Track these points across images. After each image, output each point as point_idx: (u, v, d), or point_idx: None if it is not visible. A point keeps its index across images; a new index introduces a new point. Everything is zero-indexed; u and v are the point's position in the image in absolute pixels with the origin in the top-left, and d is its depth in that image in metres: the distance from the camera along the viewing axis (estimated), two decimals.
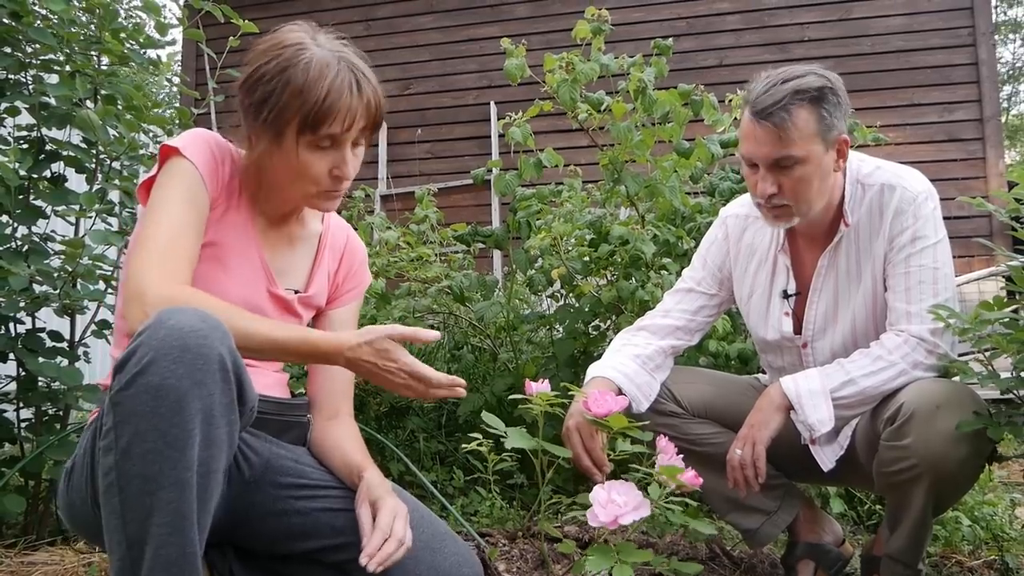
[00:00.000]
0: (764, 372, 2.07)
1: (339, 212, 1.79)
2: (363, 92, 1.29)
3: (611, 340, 1.99)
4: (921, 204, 1.65)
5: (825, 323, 1.78)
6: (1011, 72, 22.19)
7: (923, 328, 1.62)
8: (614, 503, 1.31)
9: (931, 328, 1.62)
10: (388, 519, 1.25)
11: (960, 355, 1.71)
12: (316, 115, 1.25)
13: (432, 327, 3.38)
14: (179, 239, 1.24)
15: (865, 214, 1.70)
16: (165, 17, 2.49)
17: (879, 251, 1.70)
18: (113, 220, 2.41)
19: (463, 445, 1.71)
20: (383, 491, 1.31)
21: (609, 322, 2.83)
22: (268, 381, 1.43)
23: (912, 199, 1.65)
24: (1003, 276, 4.64)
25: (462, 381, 1.25)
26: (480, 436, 1.65)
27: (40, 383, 2.29)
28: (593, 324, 2.85)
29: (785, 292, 1.82)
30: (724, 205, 2.05)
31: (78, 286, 2.29)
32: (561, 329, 2.94)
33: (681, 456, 1.53)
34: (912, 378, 1.61)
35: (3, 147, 2.26)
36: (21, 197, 2.24)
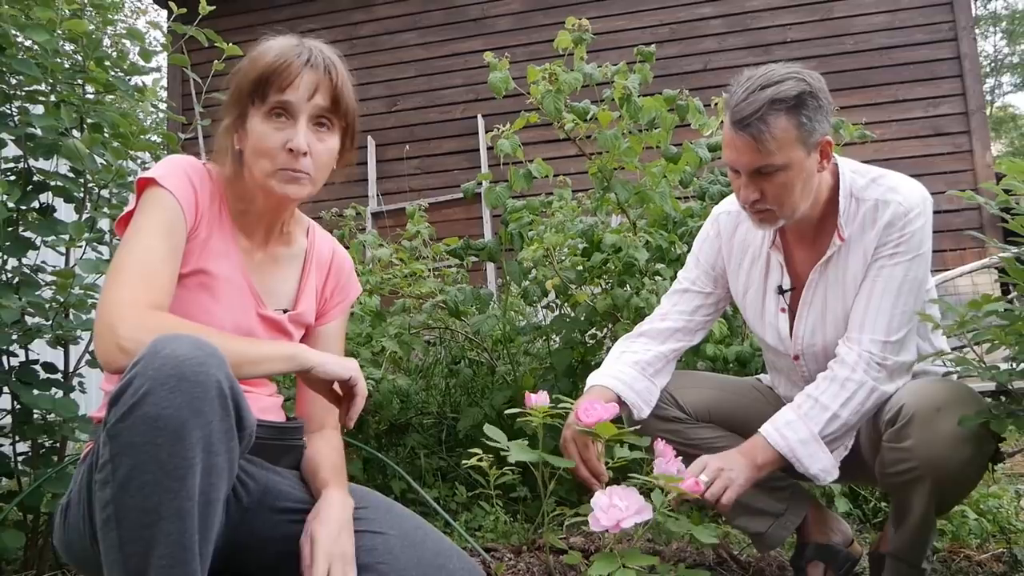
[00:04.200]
0: (765, 372, 2.07)
1: (331, 231, 1.79)
2: (313, 62, 1.31)
3: (609, 348, 1.98)
4: (912, 219, 1.64)
5: (814, 336, 1.77)
6: (992, 65, 22.37)
7: (875, 339, 1.63)
8: (616, 507, 1.31)
9: (883, 340, 1.63)
10: (322, 568, 1.21)
11: (953, 349, 1.71)
12: (263, 78, 1.29)
13: (428, 342, 3.38)
14: (154, 269, 1.22)
15: (858, 228, 1.69)
16: (149, 43, 2.49)
17: (867, 262, 1.69)
18: (103, 249, 2.40)
19: (464, 460, 1.70)
20: (325, 523, 1.26)
21: (606, 330, 2.83)
22: (263, 405, 1.42)
23: (904, 214, 1.64)
24: (996, 268, 4.66)
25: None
26: (481, 451, 1.64)
27: (36, 416, 2.27)
28: (590, 333, 2.85)
29: (780, 288, 1.81)
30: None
31: (71, 316, 2.27)
32: (558, 339, 2.93)
33: (681, 459, 1.52)
34: (883, 394, 1.62)
35: None
36: (11, 229, 2.22)
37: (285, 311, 1.45)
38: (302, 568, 1.23)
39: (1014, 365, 1.61)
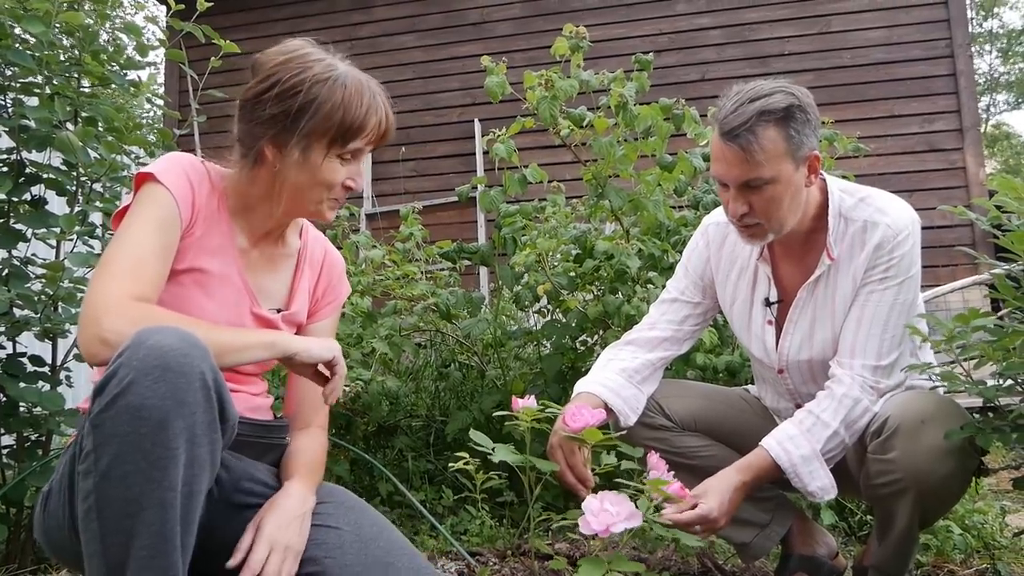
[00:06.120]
0: (754, 383, 2.07)
1: (324, 231, 1.79)
2: (388, 115, 1.36)
3: (598, 355, 1.98)
4: (901, 242, 1.64)
5: (800, 353, 1.78)
6: (988, 83, 22.51)
7: (866, 363, 1.65)
8: (607, 512, 1.31)
9: (874, 365, 1.64)
10: (261, 555, 1.21)
11: (942, 364, 1.72)
12: (352, 130, 1.31)
13: (419, 345, 3.37)
14: (143, 263, 1.22)
15: (847, 249, 1.70)
16: (146, 39, 2.48)
17: (857, 285, 1.70)
18: (94, 242, 2.39)
19: (451, 464, 1.69)
20: (276, 512, 1.27)
21: (596, 337, 2.83)
22: (252, 404, 1.42)
23: (893, 236, 1.65)
24: (987, 284, 4.68)
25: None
26: (468, 454, 1.64)
27: (21, 408, 2.26)
28: (580, 339, 2.85)
29: (767, 300, 1.82)
30: None
31: (59, 310, 2.27)
32: (548, 345, 2.93)
33: (673, 473, 1.52)
34: (873, 413, 1.64)
35: None
36: (1, 220, 2.22)
37: (278, 310, 1.45)
38: (234, 549, 1.22)
39: (1001, 381, 1.62)
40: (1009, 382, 1.61)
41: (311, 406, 1.49)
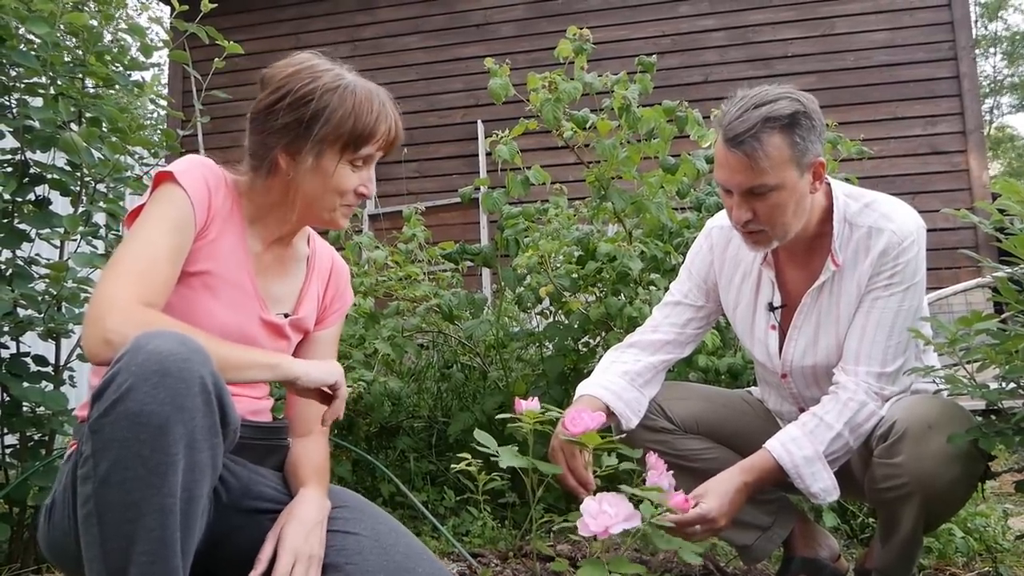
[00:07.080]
0: (757, 385, 2.07)
1: (326, 233, 1.80)
2: (397, 121, 1.39)
3: (601, 357, 1.98)
4: (906, 249, 1.64)
5: (804, 359, 1.78)
6: (992, 85, 22.50)
7: (871, 371, 1.64)
8: (605, 513, 1.31)
9: (879, 371, 1.64)
10: (286, 565, 1.22)
11: (945, 366, 1.72)
12: (363, 136, 1.33)
13: (422, 346, 3.37)
14: (152, 266, 1.22)
15: (851, 254, 1.69)
16: (150, 40, 2.49)
17: (861, 291, 1.69)
18: (98, 243, 2.39)
19: (453, 465, 1.69)
20: (297, 521, 1.28)
21: (598, 339, 2.83)
22: (253, 408, 1.42)
23: (898, 243, 1.64)
24: (989, 287, 4.67)
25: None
26: (470, 455, 1.64)
27: (24, 408, 2.26)
28: (582, 341, 2.85)
29: (771, 304, 1.82)
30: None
31: (63, 310, 2.27)
32: (550, 346, 2.93)
33: (672, 472, 1.52)
34: (879, 417, 1.64)
35: None
36: (5, 220, 2.22)
37: (286, 315, 1.46)
38: (255, 560, 1.23)
39: (1004, 384, 1.62)
40: (1012, 385, 1.61)
41: (311, 412, 1.49)
